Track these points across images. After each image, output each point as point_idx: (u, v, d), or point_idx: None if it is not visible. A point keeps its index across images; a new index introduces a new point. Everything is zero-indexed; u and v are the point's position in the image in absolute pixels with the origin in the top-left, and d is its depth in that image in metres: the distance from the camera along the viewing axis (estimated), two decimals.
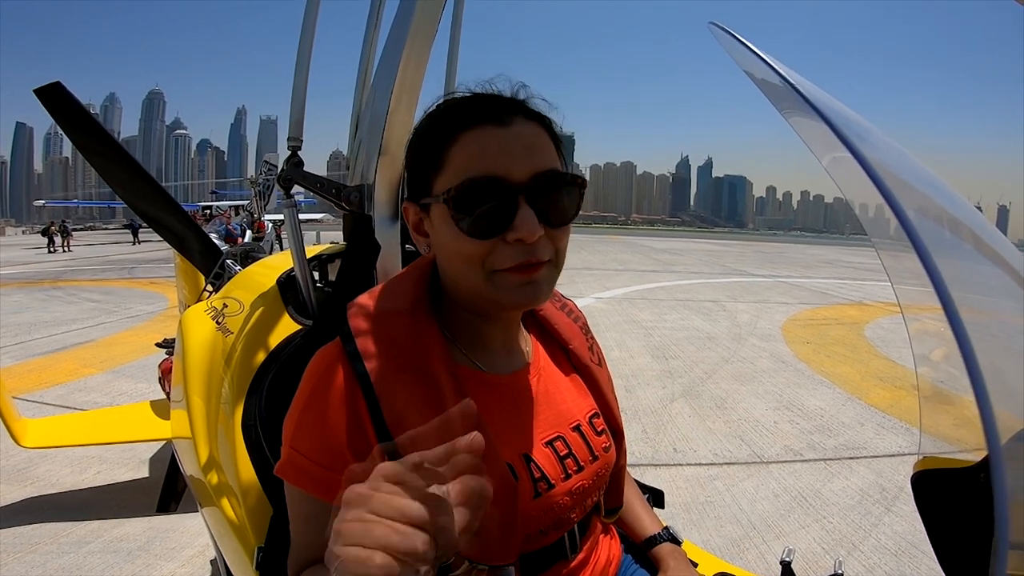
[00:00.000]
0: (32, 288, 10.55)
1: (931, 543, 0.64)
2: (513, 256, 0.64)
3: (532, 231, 0.63)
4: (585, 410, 0.82)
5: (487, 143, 0.64)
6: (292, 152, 1.16)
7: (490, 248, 0.64)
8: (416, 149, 0.71)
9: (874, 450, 3.67)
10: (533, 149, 0.65)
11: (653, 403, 4.47)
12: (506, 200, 0.63)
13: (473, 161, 0.64)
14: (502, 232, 0.64)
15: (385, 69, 1.07)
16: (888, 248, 0.56)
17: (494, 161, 0.63)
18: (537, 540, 0.73)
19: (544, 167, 0.65)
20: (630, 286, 12.07)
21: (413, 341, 0.69)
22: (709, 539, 2.58)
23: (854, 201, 0.55)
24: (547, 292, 0.69)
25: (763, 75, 0.58)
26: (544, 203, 0.64)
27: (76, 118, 1.68)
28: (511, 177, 0.63)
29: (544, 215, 0.64)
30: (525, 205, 0.63)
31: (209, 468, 1.11)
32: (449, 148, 0.66)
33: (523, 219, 0.63)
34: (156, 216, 2.02)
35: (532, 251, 0.64)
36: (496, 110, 0.66)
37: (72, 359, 5.40)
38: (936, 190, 0.63)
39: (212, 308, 1.34)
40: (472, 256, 0.65)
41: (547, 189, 0.65)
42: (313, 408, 0.67)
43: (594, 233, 58.59)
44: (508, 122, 0.65)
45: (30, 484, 2.96)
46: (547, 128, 0.69)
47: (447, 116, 0.68)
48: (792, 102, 0.53)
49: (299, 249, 1.13)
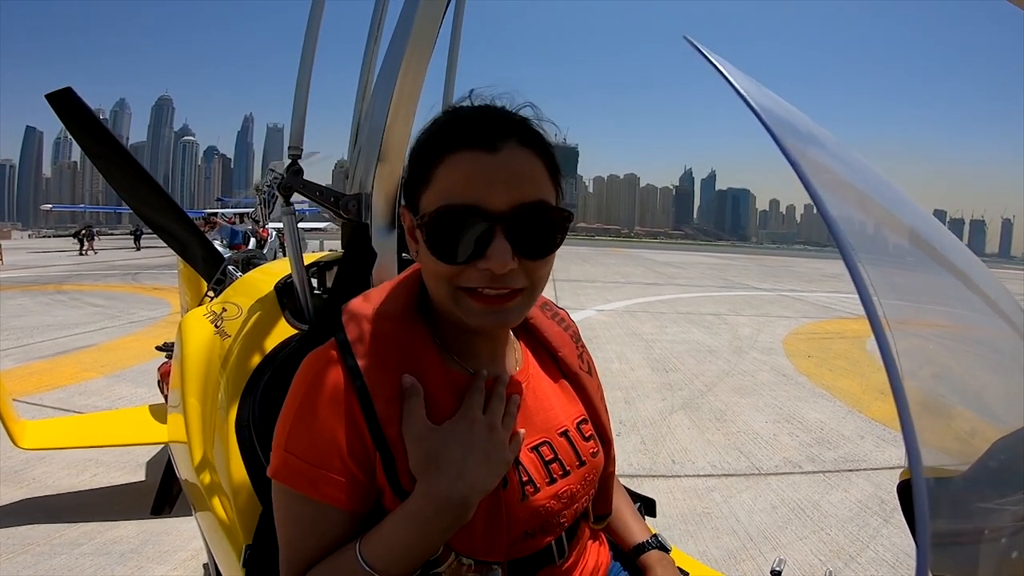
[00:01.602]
0: (35, 292, 10.60)
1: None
2: (479, 279, 0.65)
3: (503, 264, 0.63)
4: (573, 416, 0.83)
5: (472, 169, 0.63)
6: (292, 161, 1.18)
7: (459, 271, 0.65)
8: (412, 159, 0.71)
9: (873, 463, 3.66)
10: (521, 178, 0.64)
11: (652, 415, 4.46)
12: (482, 230, 0.63)
13: (454, 186, 0.64)
14: (473, 260, 0.64)
15: (384, 80, 1.09)
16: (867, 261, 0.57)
17: (475, 189, 0.63)
18: (524, 543, 0.74)
19: (528, 198, 0.64)
20: (632, 299, 12.06)
21: (405, 344, 0.71)
22: (706, 550, 2.57)
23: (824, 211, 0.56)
24: (516, 318, 0.69)
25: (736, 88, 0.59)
26: (523, 235, 0.64)
27: (85, 123, 1.70)
28: (490, 207, 0.63)
29: (522, 246, 0.64)
30: (501, 236, 0.63)
31: (203, 470, 1.12)
32: (436, 167, 0.66)
33: (496, 250, 0.63)
34: (160, 222, 2.04)
35: (501, 280, 0.65)
36: (487, 135, 0.64)
37: (73, 363, 5.42)
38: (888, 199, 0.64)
39: (211, 312, 1.36)
40: (442, 275, 0.66)
41: (528, 221, 0.64)
42: (307, 410, 0.67)
43: (597, 245, 58.70)
44: (498, 148, 0.64)
45: (26, 485, 2.96)
46: (543, 155, 0.68)
47: (439, 135, 0.67)
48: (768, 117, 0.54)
49: (297, 255, 1.15)
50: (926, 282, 0.62)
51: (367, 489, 0.68)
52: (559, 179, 0.70)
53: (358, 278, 1.10)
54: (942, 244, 0.65)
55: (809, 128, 0.57)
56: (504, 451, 0.68)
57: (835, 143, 0.61)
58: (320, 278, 1.33)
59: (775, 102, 0.52)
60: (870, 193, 0.61)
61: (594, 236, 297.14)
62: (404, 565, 0.64)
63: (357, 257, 1.11)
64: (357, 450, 0.66)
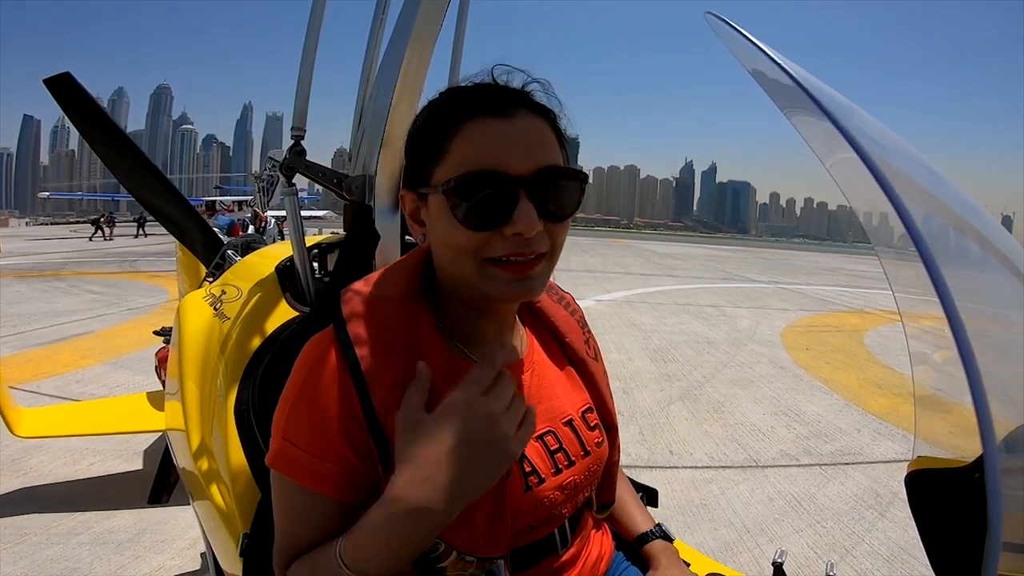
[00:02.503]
0: (33, 279, 10.56)
1: (923, 543, 0.63)
2: (506, 247, 0.64)
3: (531, 225, 0.62)
4: (578, 405, 0.82)
5: (489, 135, 0.63)
6: (295, 141, 1.17)
7: (485, 239, 0.64)
8: (417, 138, 0.70)
9: (870, 456, 3.67)
10: (536, 144, 0.64)
11: (651, 406, 4.47)
12: (506, 193, 0.62)
13: (475, 153, 0.63)
14: (500, 225, 0.63)
15: (389, 62, 1.08)
16: (890, 254, 0.55)
17: (496, 154, 0.63)
18: (527, 535, 0.73)
19: (546, 163, 0.64)
20: (631, 289, 12.06)
21: (406, 328, 0.69)
22: (703, 541, 2.58)
23: (857, 205, 0.53)
24: (541, 286, 0.68)
25: (763, 69, 0.57)
26: (545, 197, 0.64)
27: (84, 108, 1.69)
28: (512, 170, 0.62)
29: (544, 209, 0.64)
30: (525, 199, 0.62)
31: (200, 457, 1.11)
32: (451, 139, 0.65)
33: (523, 213, 0.62)
34: (159, 206, 2.04)
35: (528, 244, 0.64)
36: (500, 101, 0.65)
37: (71, 350, 5.40)
38: (946, 193, 0.62)
39: (210, 295, 1.34)
40: (466, 246, 0.64)
41: (549, 183, 0.64)
42: (305, 397, 0.66)
43: (596, 236, 58.63)
44: (511, 114, 0.64)
45: (23, 475, 2.95)
46: (551, 123, 0.68)
47: (450, 106, 0.67)
48: (794, 99, 0.52)
49: (299, 237, 1.13)
50: (990, 279, 0.60)
51: (366, 479, 0.66)
52: (565, 146, 0.70)
53: (361, 260, 1.08)
54: (994, 236, 0.63)
55: (855, 110, 0.55)
56: (507, 444, 0.61)
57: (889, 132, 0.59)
58: (322, 261, 1.32)
59: (823, 86, 0.50)
60: (929, 186, 0.58)
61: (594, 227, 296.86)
62: (377, 567, 0.59)
63: (360, 239, 1.10)
64: (356, 439, 0.64)
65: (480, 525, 0.66)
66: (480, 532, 0.66)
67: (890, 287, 0.55)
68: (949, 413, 0.62)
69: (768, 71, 0.52)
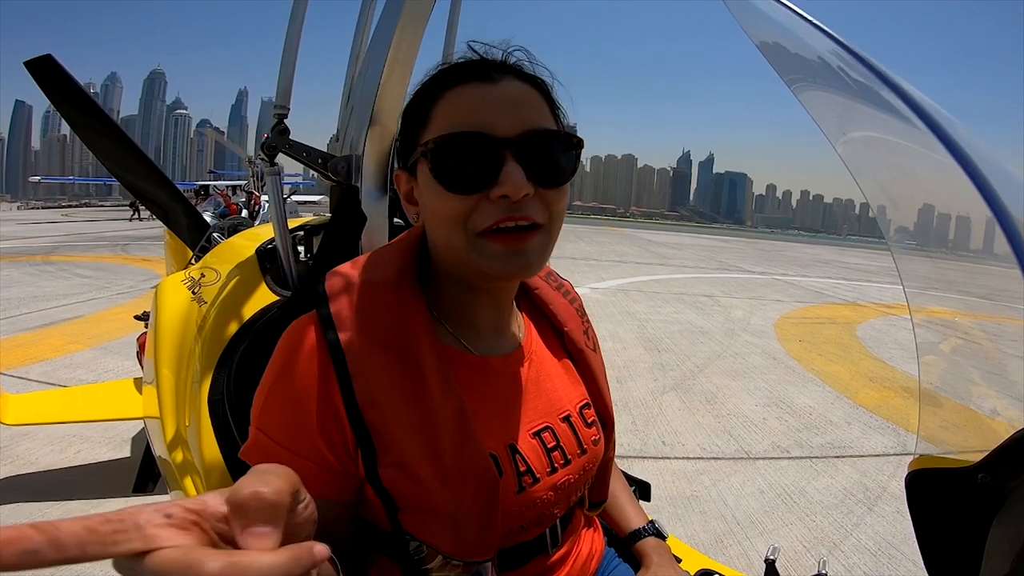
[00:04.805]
0: (23, 263, 10.45)
1: (918, 543, 0.62)
2: (494, 213, 0.60)
3: (517, 186, 0.58)
4: (576, 400, 0.78)
5: (472, 98, 0.62)
6: (278, 120, 1.13)
7: (473, 205, 0.60)
8: (406, 114, 0.68)
9: (859, 449, 3.68)
10: (523, 106, 0.62)
11: (644, 395, 4.46)
12: (491, 154, 0.59)
13: (457, 115, 0.61)
14: (486, 187, 0.59)
15: (379, 40, 1.04)
16: (902, 247, 0.52)
17: (479, 115, 0.60)
18: (517, 535, 0.70)
19: (535, 125, 0.61)
20: (626, 278, 12.05)
21: (395, 315, 0.64)
22: (694, 534, 2.58)
23: (868, 188, 0.49)
24: (538, 263, 0.64)
25: (780, 40, 0.52)
26: (534, 160, 0.60)
27: (66, 90, 1.66)
28: (497, 131, 0.60)
29: (534, 172, 0.60)
30: (512, 160, 0.59)
31: (176, 447, 1.07)
32: (435, 105, 0.63)
33: (508, 174, 0.59)
34: (143, 188, 2.00)
35: (518, 208, 0.60)
36: (485, 68, 0.63)
37: (59, 335, 5.33)
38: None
39: (189, 278, 1.30)
40: (455, 215, 0.61)
41: (538, 146, 0.61)
42: (282, 385, 0.62)
43: (593, 224, 58.55)
44: (497, 79, 0.62)
45: (9, 463, 2.90)
46: (541, 90, 0.65)
47: (436, 77, 0.65)
48: (810, 72, 0.47)
49: (281, 218, 1.10)
50: None
51: (343, 478, 0.62)
52: (559, 114, 0.67)
53: (346, 243, 1.05)
54: None
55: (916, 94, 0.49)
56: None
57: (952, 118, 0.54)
58: (307, 243, 1.28)
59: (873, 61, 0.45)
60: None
61: (590, 215, 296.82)
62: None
63: (346, 221, 1.06)
64: (332, 434, 0.61)
65: (470, 532, 0.62)
66: (469, 539, 0.62)
67: (900, 280, 0.51)
68: (954, 413, 0.60)
69: (787, 42, 0.47)
